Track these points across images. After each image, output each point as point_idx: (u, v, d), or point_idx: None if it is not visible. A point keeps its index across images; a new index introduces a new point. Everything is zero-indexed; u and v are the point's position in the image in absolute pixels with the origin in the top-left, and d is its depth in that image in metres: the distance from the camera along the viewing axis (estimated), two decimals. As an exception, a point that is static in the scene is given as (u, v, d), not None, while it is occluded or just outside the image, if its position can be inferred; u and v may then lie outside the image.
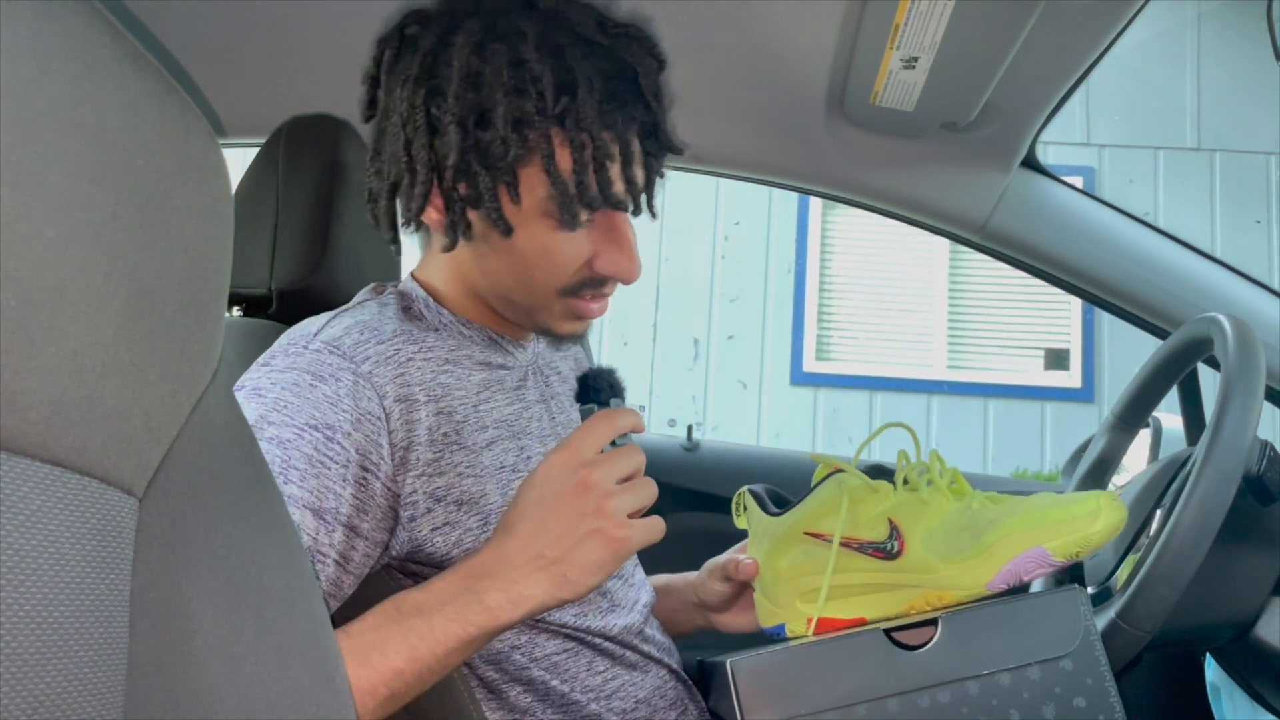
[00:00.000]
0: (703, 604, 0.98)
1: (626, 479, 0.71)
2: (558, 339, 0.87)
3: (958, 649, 0.74)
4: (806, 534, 0.83)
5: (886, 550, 0.78)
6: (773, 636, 0.87)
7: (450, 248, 0.81)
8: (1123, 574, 0.92)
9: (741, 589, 0.95)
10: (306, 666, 0.39)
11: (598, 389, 0.81)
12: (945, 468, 0.82)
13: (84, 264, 0.29)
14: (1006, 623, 0.75)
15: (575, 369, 0.99)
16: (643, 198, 0.81)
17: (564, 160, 0.75)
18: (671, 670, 0.91)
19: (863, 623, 0.80)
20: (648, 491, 0.72)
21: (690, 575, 1.02)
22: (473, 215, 0.79)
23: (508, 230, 0.77)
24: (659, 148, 0.80)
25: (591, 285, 0.82)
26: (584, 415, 0.78)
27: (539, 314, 0.83)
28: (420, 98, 0.75)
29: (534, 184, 0.76)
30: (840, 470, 0.84)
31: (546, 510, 0.69)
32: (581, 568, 0.68)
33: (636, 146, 0.78)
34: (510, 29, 0.74)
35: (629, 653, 0.87)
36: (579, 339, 0.88)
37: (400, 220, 0.82)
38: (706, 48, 1.14)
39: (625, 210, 0.79)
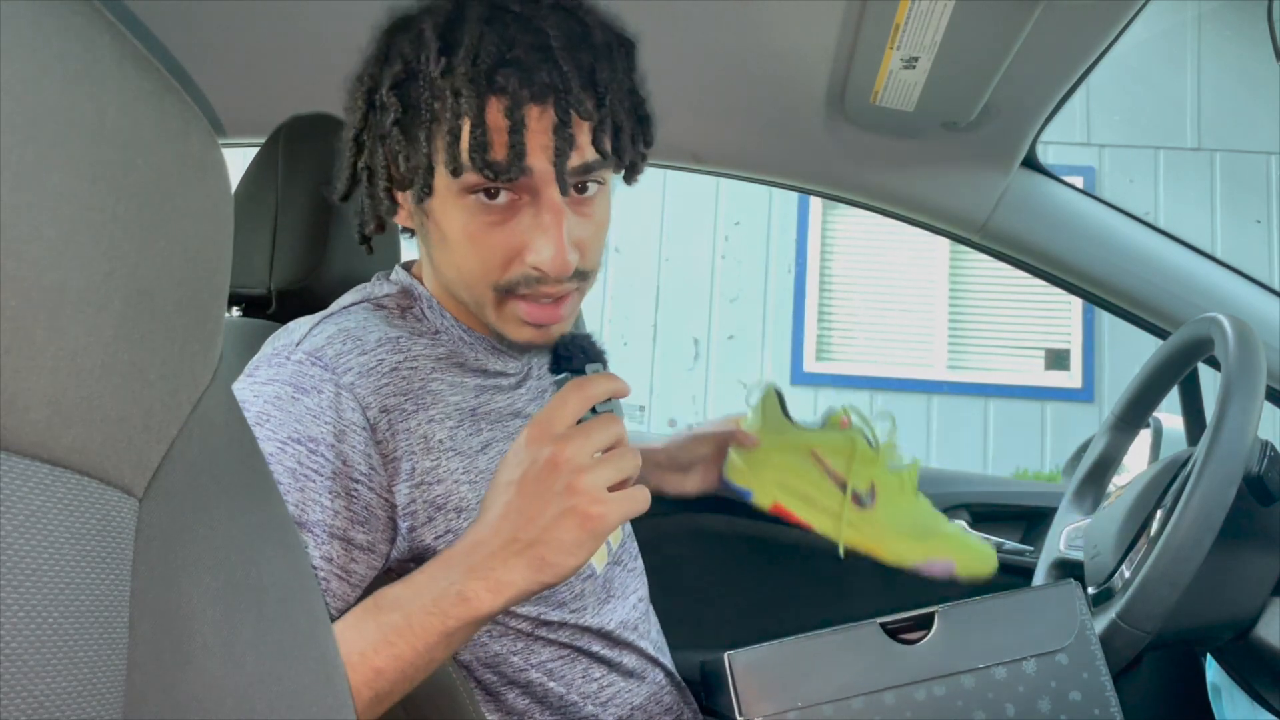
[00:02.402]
0: (669, 464, 1.07)
1: (608, 450, 0.68)
2: (516, 347, 0.82)
3: (954, 643, 0.74)
4: (814, 454, 1.02)
5: (862, 501, 1.01)
6: (728, 487, 1.05)
7: (368, 228, 0.82)
8: (1123, 574, 0.92)
9: (715, 458, 1.07)
10: (306, 666, 0.39)
11: (569, 356, 0.75)
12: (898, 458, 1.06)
13: (84, 264, 0.29)
14: (1002, 617, 0.75)
15: None
16: (551, 171, 0.73)
17: (445, 121, 0.72)
18: (666, 673, 0.91)
19: (809, 528, 1.02)
20: (628, 463, 0.68)
21: (653, 442, 1.09)
22: (404, 200, 0.80)
23: (420, 194, 0.76)
24: (586, 112, 0.73)
25: (526, 284, 0.76)
26: (558, 387, 0.71)
27: (486, 313, 0.79)
28: (354, 83, 0.79)
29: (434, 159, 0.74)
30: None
31: (517, 492, 0.66)
32: (558, 549, 0.65)
33: (543, 113, 0.72)
34: (428, 9, 0.75)
35: (625, 657, 0.87)
36: (539, 349, 0.83)
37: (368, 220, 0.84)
38: (706, 48, 1.14)
39: (501, 177, 0.71)
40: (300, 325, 0.79)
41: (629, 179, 0.83)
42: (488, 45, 0.71)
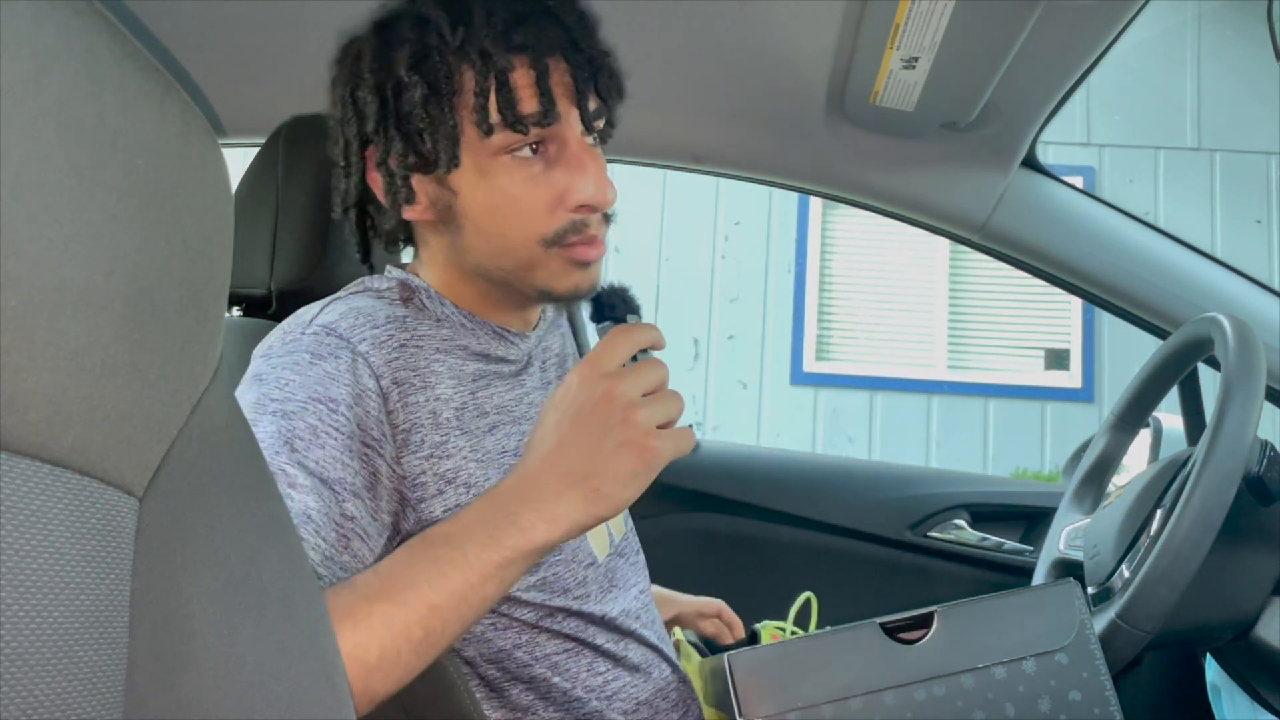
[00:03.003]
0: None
1: (652, 393, 0.69)
2: (562, 299, 0.84)
3: (953, 643, 0.74)
4: None
5: None
6: None
7: (396, 229, 0.83)
8: (1122, 574, 0.92)
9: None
10: (306, 666, 0.39)
11: (613, 305, 0.79)
12: None
13: (84, 264, 0.29)
14: (1002, 617, 0.75)
15: (562, 346, 0.98)
16: (575, 115, 0.78)
17: (470, 88, 0.75)
18: (672, 667, 0.91)
19: None
20: (674, 404, 0.70)
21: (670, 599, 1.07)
22: (424, 187, 0.80)
23: (449, 163, 0.77)
24: (585, 60, 0.78)
25: (574, 229, 0.79)
26: (600, 334, 0.75)
27: (535, 274, 0.81)
28: (346, 92, 0.80)
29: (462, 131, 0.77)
30: None
31: (571, 426, 0.67)
32: (614, 480, 0.66)
33: (556, 64, 0.77)
34: (421, 1, 0.77)
35: (630, 650, 0.87)
36: (585, 295, 0.84)
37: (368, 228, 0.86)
38: (707, 48, 1.14)
39: (538, 124, 0.75)
40: (309, 308, 0.81)
41: (604, 138, 0.85)
42: (498, 10, 0.75)
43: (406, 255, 0.92)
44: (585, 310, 0.90)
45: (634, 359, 0.72)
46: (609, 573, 0.88)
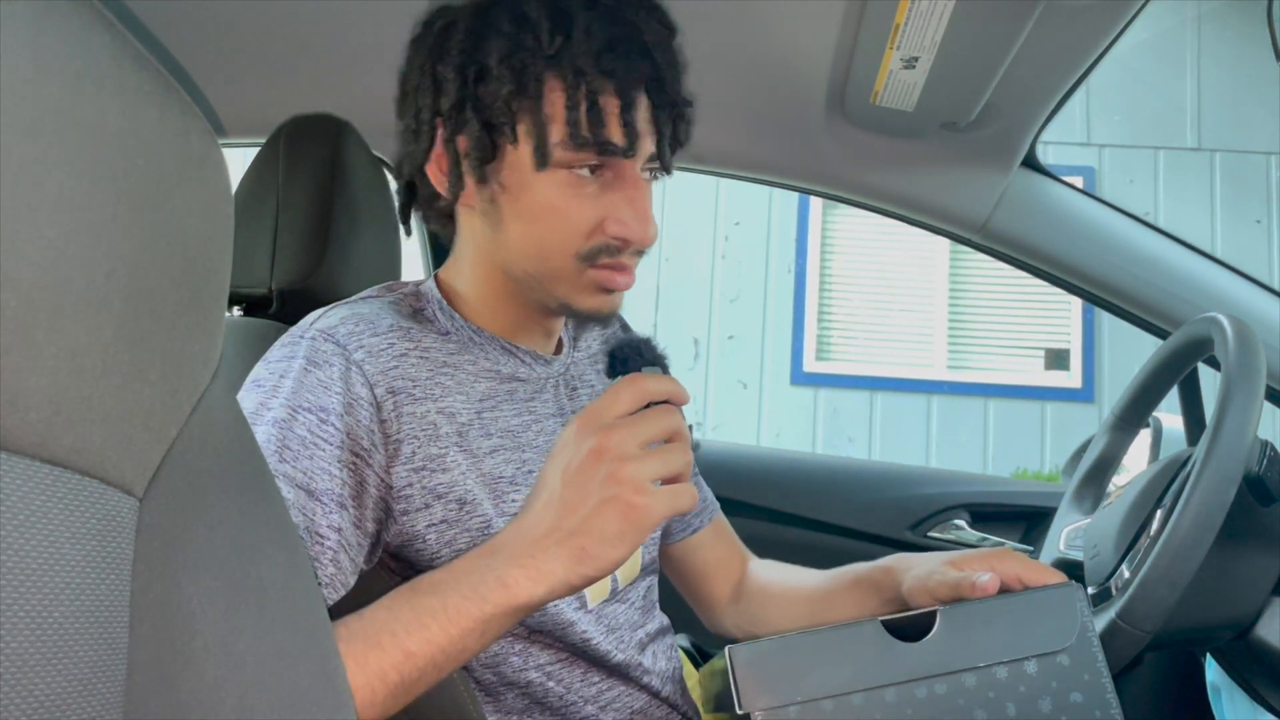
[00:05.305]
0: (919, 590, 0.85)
1: (663, 443, 0.67)
2: (583, 317, 0.83)
3: (955, 641, 0.74)
4: None
5: None
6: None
7: (449, 206, 0.83)
8: (1122, 574, 0.92)
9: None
10: (306, 666, 0.39)
11: (625, 359, 0.75)
12: None
13: (84, 264, 0.29)
14: (1004, 617, 0.75)
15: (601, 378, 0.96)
16: (647, 151, 0.79)
17: (557, 102, 0.75)
18: (671, 704, 0.90)
19: None
20: (678, 457, 0.66)
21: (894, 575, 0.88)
22: (477, 175, 0.80)
23: (540, 162, 0.77)
24: (667, 102, 0.79)
25: (608, 252, 0.79)
26: None
27: (559, 286, 0.80)
28: (428, 62, 0.79)
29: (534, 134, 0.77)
30: None
31: (561, 481, 0.66)
32: (600, 540, 0.64)
33: (640, 98, 0.77)
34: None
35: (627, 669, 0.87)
36: (607, 319, 0.85)
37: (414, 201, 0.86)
38: (707, 48, 1.14)
39: (618, 154, 0.76)
40: (315, 312, 0.81)
41: (667, 170, 0.86)
42: (596, 31, 0.75)
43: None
44: (563, 381, 0.89)
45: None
46: (603, 618, 0.85)
